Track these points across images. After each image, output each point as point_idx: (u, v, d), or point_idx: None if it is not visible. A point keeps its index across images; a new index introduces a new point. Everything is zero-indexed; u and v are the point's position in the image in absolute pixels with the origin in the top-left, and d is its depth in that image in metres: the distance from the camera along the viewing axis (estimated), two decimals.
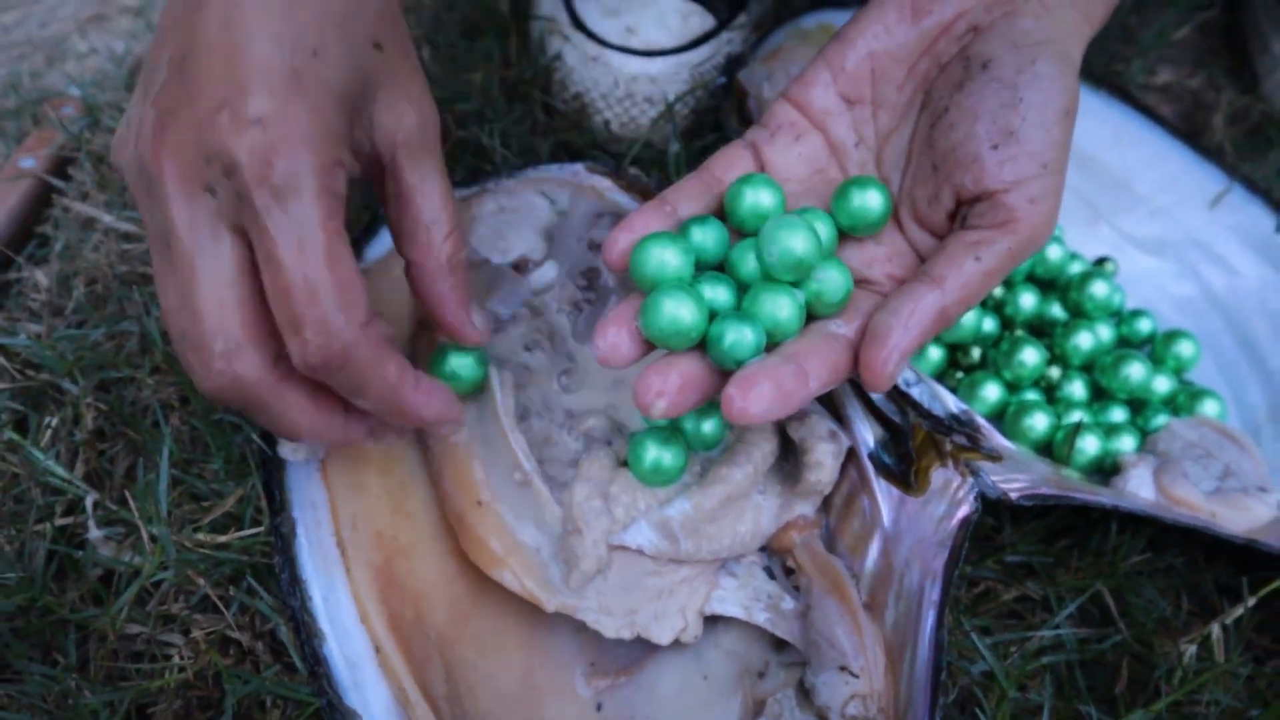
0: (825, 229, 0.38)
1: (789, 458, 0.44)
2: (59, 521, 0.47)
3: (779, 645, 0.44)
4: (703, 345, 0.36)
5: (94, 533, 0.46)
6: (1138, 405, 0.53)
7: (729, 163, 0.40)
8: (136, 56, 0.68)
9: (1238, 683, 0.45)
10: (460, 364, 0.43)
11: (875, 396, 0.45)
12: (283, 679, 0.43)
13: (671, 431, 0.42)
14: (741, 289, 0.38)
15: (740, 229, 0.39)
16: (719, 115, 0.60)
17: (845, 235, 0.40)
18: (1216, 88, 0.71)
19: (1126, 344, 0.56)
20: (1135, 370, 0.52)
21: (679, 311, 0.35)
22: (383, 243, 0.50)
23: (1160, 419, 0.52)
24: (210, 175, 0.32)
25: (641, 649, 0.43)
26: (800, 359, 0.35)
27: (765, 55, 0.58)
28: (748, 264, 0.38)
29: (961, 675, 0.45)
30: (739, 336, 0.35)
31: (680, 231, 0.38)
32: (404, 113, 0.37)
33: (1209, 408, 0.52)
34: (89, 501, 0.46)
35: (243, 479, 0.47)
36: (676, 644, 0.42)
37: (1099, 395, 0.54)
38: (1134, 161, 0.59)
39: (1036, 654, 0.45)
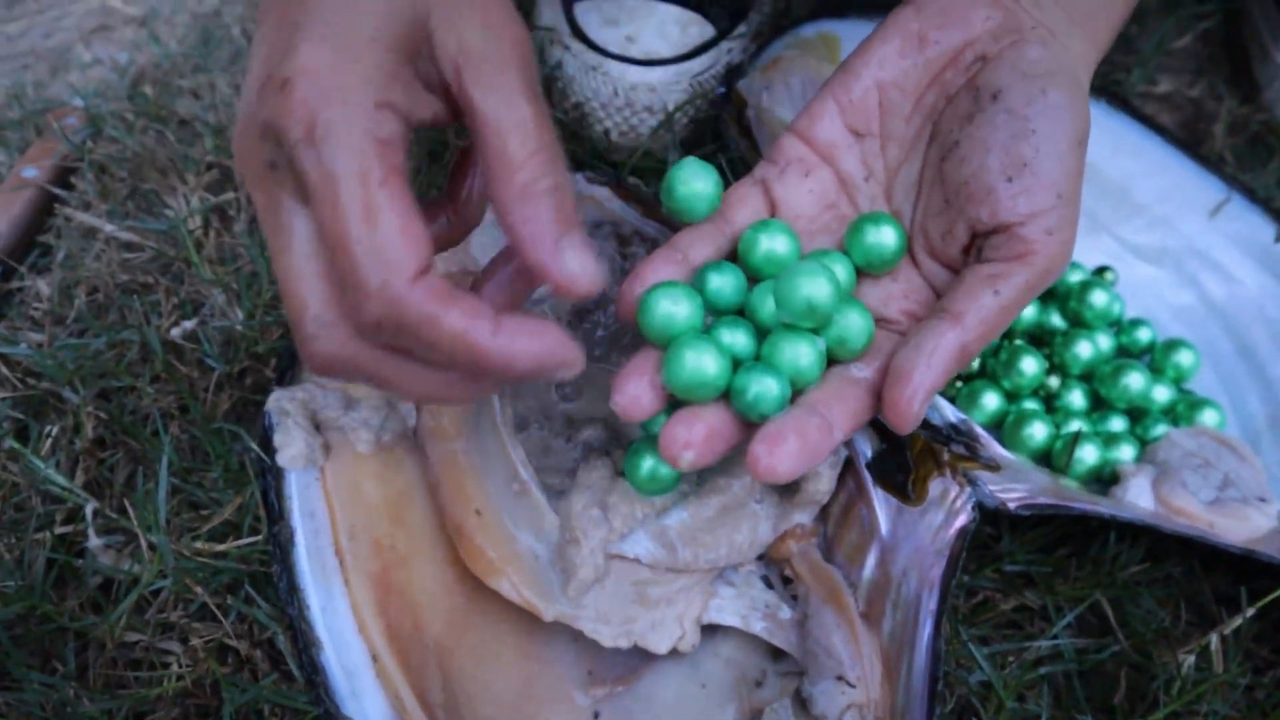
0: (844, 272, 0.38)
1: None
2: (58, 530, 0.47)
3: (776, 654, 0.44)
4: (725, 394, 0.35)
5: (93, 541, 0.46)
6: (1137, 415, 0.53)
7: (739, 201, 0.40)
8: (140, 67, 0.69)
9: (1236, 693, 0.45)
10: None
11: None
12: (280, 687, 0.43)
13: None
14: (760, 333, 0.38)
15: (756, 275, 0.39)
16: (718, 125, 0.60)
17: (861, 272, 0.39)
18: (1217, 97, 0.71)
19: (1126, 353, 0.56)
20: (1134, 379, 0.52)
21: (702, 364, 0.34)
22: None
23: (1159, 428, 0.52)
24: (268, 149, 0.31)
25: (639, 658, 0.43)
26: (823, 409, 0.34)
27: (765, 65, 0.58)
28: (766, 307, 0.37)
29: (959, 685, 0.45)
30: (763, 389, 0.34)
31: (696, 278, 0.38)
32: (465, 26, 0.32)
33: (1208, 417, 0.52)
34: (88, 510, 0.46)
35: (242, 487, 0.47)
36: (674, 653, 0.42)
37: (1098, 404, 0.54)
38: (1134, 170, 0.59)
39: (1034, 664, 0.45)
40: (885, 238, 0.38)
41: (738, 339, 0.37)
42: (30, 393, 0.51)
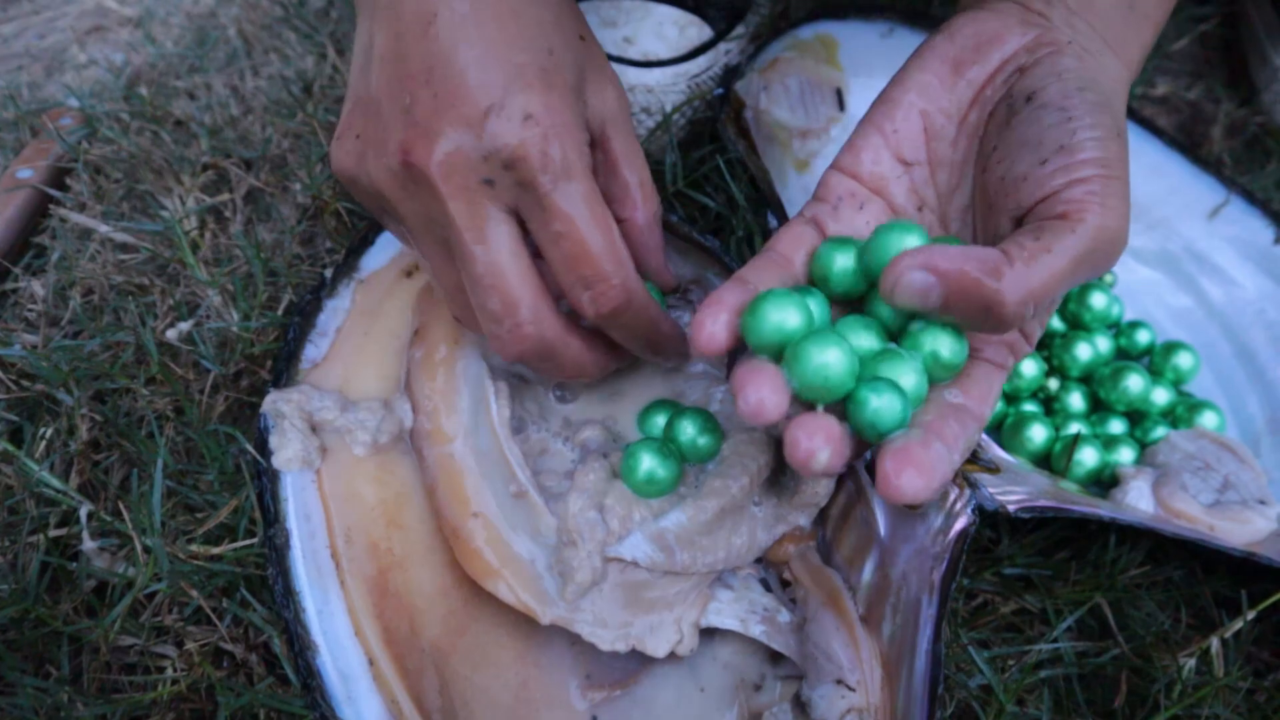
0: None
1: (784, 470, 0.44)
2: (53, 533, 0.46)
3: (775, 658, 0.43)
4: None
5: (88, 544, 0.45)
6: (1136, 417, 0.53)
7: (794, 242, 0.38)
8: (135, 68, 0.68)
9: (1237, 696, 0.45)
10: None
11: None
12: (276, 691, 0.43)
13: (665, 443, 0.42)
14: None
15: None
16: (716, 126, 0.60)
17: None
18: (1215, 99, 0.71)
19: (1125, 356, 0.56)
20: (1134, 382, 0.52)
21: (828, 360, 0.32)
22: (379, 255, 0.50)
23: (1159, 431, 0.52)
24: (488, 169, 0.36)
25: (637, 661, 0.43)
26: (938, 433, 0.33)
27: (762, 66, 0.58)
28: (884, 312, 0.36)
29: (959, 689, 0.44)
30: (885, 405, 0.32)
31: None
32: (606, 92, 0.41)
33: (1208, 419, 0.52)
34: (83, 513, 0.46)
35: (237, 490, 0.47)
36: (672, 656, 0.41)
37: (1097, 407, 0.54)
38: (1132, 173, 0.58)
39: (1035, 667, 0.45)
40: None
41: (863, 340, 0.35)
42: (24, 394, 0.51)
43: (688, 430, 0.42)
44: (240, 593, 0.45)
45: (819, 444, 0.31)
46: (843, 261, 0.36)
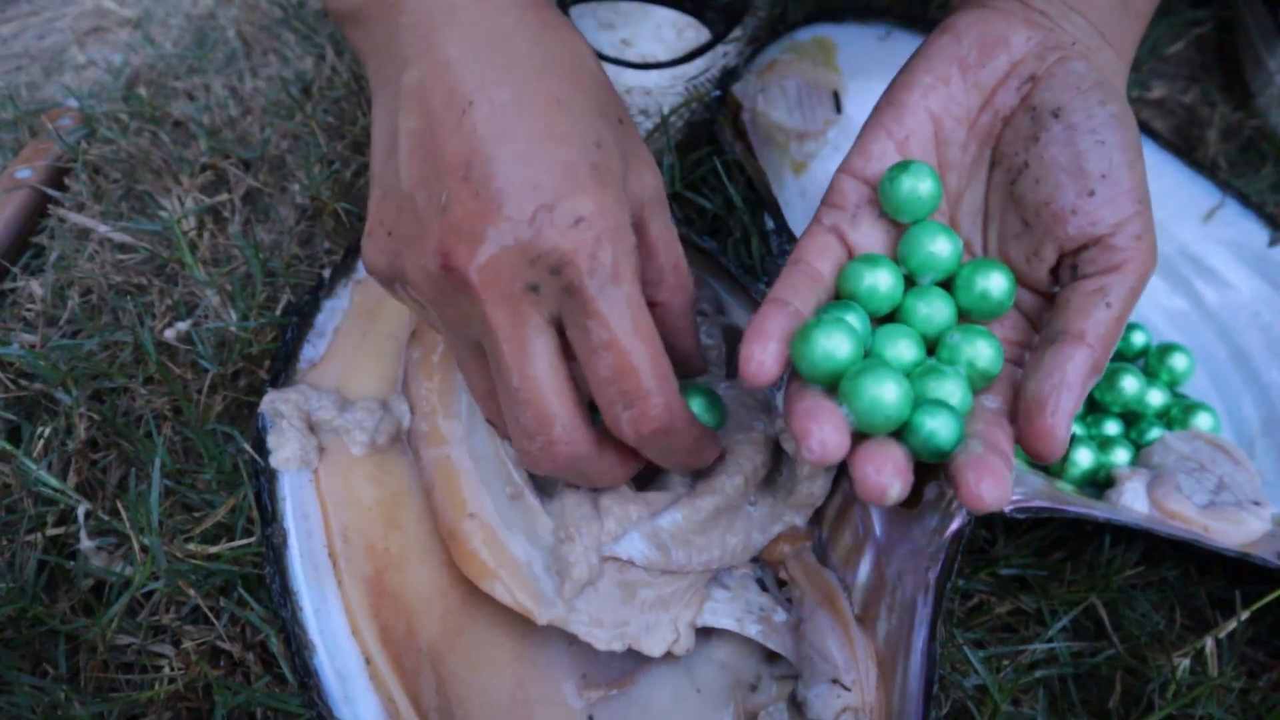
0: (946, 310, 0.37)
1: (780, 469, 0.44)
2: (50, 532, 0.46)
3: (771, 658, 0.44)
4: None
5: (85, 543, 0.45)
6: (1131, 418, 0.53)
7: (820, 252, 0.38)
8: (134, 68, 0.68)
9: (1231, 696, 0.45)
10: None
11: None
12: (273, 691, 0.43)
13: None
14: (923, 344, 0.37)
15: (914, 277, 0.38)
16: (714, 128, 0.60)
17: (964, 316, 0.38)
18: (1210, 103, 0.71)
19: (1120, 357, 0.56)
20: (1129, 383, 0.52)
21: (883, 393, 0.32)
22: None
23: (1154, 432, 0.52)
24: (534, 275, 0.34)
25: (633, 661, 0.43)
26: (991, 440, 0.33)
27: (760, 68, 0.58)
28: (932, 321, 0.37)
29: (954, 689, 0.44)
30: (941, 426, 0.32)
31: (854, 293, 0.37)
32: (645, 177, 0.38)
33: (1202, 421, 0.52)
34: (81, 512, 0.46)
35: (235, 489, 0.47)
36: (669, 656, 0.41)
37: (1093, 408, 0.54)
38: None
39: (1030, 667, 0.45)
40: (994, 285, 0.37)
41: (904, 352, 0.36)
42: (22, 394, 0.51)
43: (693, 408, 0.43)
44: (237, 592, 0.45)
45: (889, 478, 0.31)
46: (872, 280, 0.37)
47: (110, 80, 0.67)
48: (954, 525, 0.41)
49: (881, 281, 0.37)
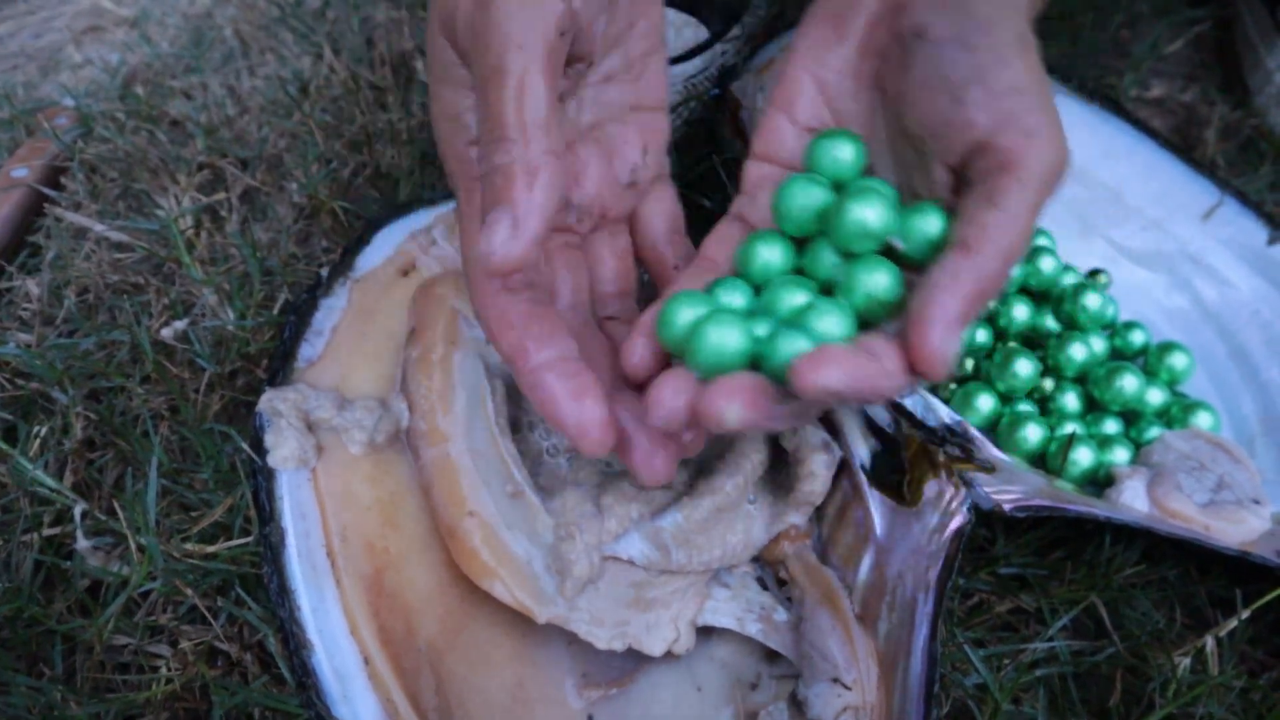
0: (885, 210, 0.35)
1: (780, 468, 0.44)
2: (47, 531, 0.46)
3: (771, 656, 0.43)
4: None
5: (82, 543, 0.45)
6: (1131, 417, 0.53)
7: (719, 243, 0.39)
8: (131, 67, 0.68)
9: (1232, 695, 0.45)
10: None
11: (868, 408, 0.45)
12: (271, 690, 0.43)
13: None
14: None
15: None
16: (713, 126, 0.60)
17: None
18: (1209, 102, 0.71)
19: (1120, 356, 0.56)
20: (1129, 382, 0.52)
21: (724, 340, 0.32)
22: (375, 254, 0.50)
23: (1154, 431, 0.52)
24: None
25: (634, 660, 0.43)
26: (866, 346, 0.31)
27: (759, 67, 0.58)
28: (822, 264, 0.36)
29: (955, 688, 0.44)
30: (795, 349, 0.31)
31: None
32: None
33: (1202, 420, 0.52)
34: (77, 511, 0.46)
35: (232, 488, 0.47)
36: (669, 655, 0.41)
37: (1092, 407, 0.54)
38: (1126, 174, 0.59)
39: (1030, 666, 0.45)
40: (871, 215, 0.35)
41: (736, 298, 0.35)
42: (19, 393, 0.51)
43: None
44: (235, 591, 0.44)
45: (727, 399, 0.30)
46: (753, 252, 0.36)
47: (107, 79, 0.67)
48: (954, 524, 0.41)
49: (766, 254, 0.36)
